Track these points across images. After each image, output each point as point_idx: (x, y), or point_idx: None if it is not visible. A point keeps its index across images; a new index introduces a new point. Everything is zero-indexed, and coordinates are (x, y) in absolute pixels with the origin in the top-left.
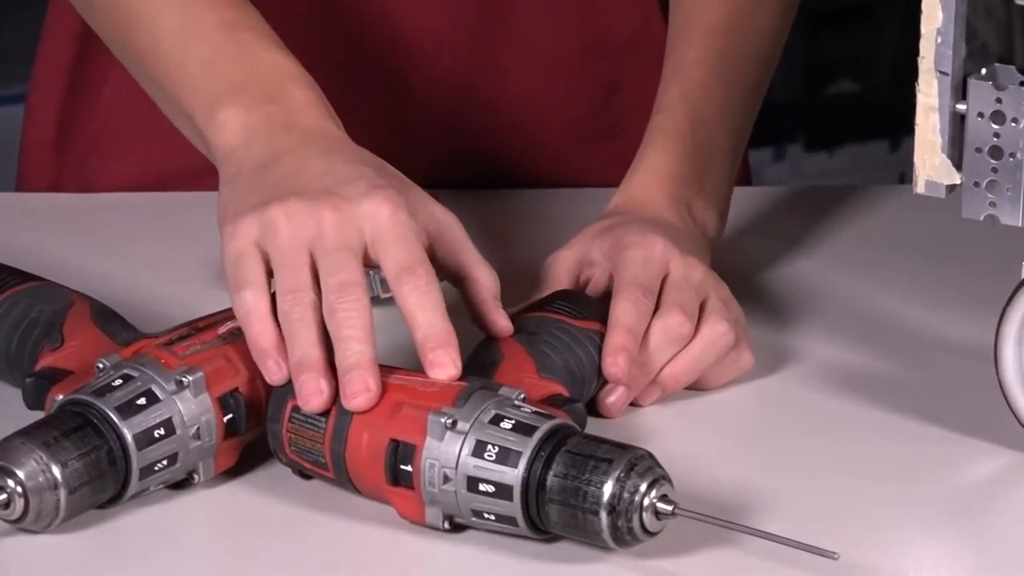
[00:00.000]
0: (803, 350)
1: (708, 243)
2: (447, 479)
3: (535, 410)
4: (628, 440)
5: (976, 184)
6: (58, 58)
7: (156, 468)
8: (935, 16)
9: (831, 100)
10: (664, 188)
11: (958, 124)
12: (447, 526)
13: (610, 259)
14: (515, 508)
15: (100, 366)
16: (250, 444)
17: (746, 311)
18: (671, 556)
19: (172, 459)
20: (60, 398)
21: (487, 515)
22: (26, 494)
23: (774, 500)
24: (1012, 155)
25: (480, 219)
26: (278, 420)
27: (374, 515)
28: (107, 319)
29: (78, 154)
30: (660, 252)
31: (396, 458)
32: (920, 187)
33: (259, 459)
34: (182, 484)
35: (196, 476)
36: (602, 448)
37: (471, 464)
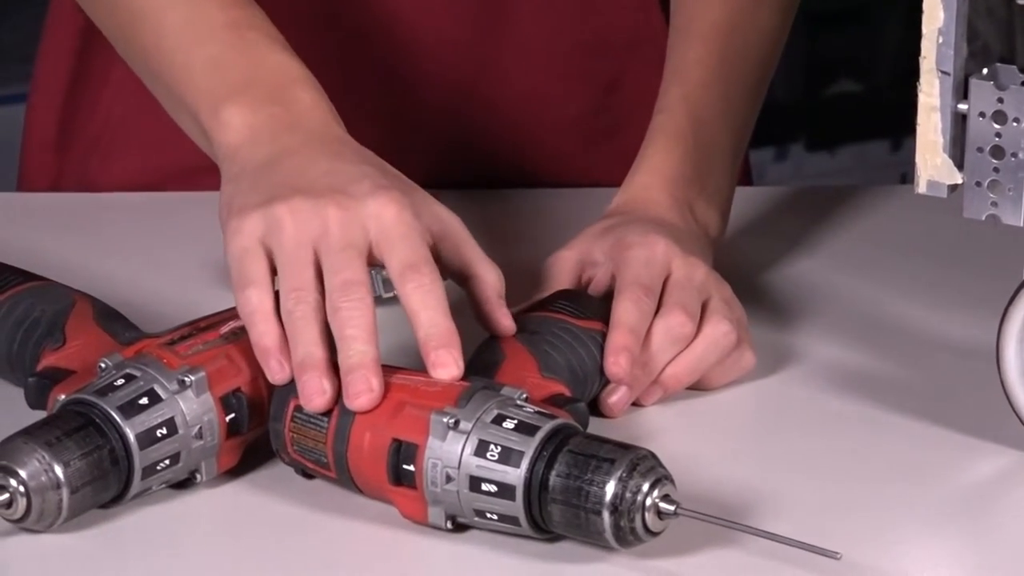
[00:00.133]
0: (805, 350)
1: (710, 243)
2: (449, 479)
3: (537, 410)
4: (630, 440)
5: (978, 184)
6: (59, 58)
7: (158, 468)
8: (936, 16)
9: (832, 100)
10: (666, 188)
11: (960, 124)
12: (450, 526)
13: (612, 259)
14: (518, 508)
15: (102, 366)
16: (252, 444)
17: (748, 311)
18: (673, 556)
19: (174, 459)
20: (62, 398)
21: (490, 515)
22: (28, 494)
23: (776, 500)
24: (1014, 155)
25: (481, 219)
26: (280, 419)
27: (376, 515)
28: (109, 319)
29: (79, 154)
30: (662, 252)
31: (398, 458)
32: (922, 187)
33: (261, 459)
34: (184, 484)
35: (198, 476)
36: (604, 448)
37: (473, 464)
